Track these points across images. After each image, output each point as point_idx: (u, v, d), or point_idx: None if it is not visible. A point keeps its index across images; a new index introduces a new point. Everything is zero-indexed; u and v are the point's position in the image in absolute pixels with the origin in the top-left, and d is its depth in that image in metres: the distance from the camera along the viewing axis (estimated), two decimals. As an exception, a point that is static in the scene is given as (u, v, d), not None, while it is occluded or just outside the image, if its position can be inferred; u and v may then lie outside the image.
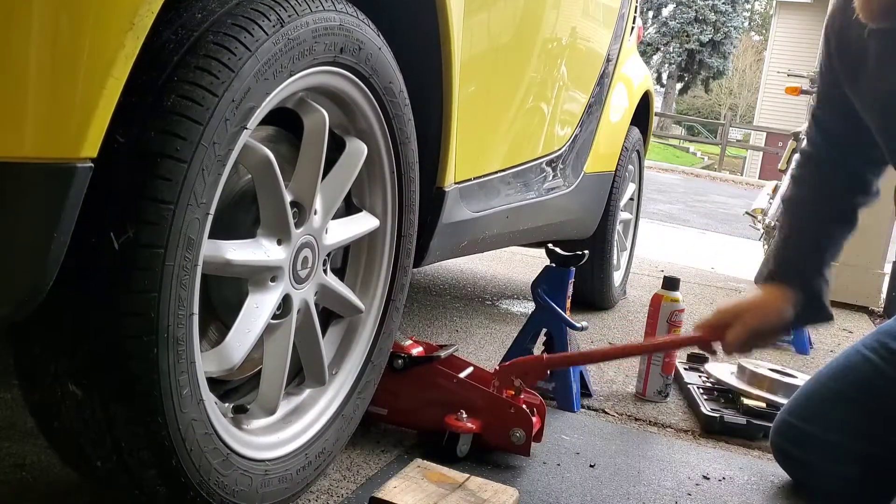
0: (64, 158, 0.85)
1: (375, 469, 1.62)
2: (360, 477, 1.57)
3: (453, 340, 2.66)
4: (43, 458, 1.43)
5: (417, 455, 1.66)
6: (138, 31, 0.90)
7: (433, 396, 1.77)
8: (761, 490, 1.81)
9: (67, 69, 0.84)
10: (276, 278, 1.28)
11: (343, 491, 1.51)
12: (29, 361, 1.04)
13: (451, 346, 1.87)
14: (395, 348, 1.76)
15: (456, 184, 1.81)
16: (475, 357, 2.46)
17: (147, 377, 1.01)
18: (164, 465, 1.07)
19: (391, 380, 1.75)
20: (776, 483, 1.88)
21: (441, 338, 2.66)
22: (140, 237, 0.97)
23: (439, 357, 1.80)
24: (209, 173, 1.03)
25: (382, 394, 1.72)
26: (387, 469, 1.62)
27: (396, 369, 1.76)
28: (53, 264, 0.88)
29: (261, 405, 1.32)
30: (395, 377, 1.76)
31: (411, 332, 2.67)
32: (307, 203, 1.32)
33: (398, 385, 1.77)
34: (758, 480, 1.87)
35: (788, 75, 6.02)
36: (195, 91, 1.01)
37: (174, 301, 1.01)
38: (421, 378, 1.78)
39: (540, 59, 2.29)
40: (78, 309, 0.98)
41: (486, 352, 2.58)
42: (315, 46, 1.20)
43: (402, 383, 1.77)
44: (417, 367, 1.78)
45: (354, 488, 1.52)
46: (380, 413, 1.79)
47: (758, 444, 2.09)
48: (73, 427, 1.06)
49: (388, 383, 1.73)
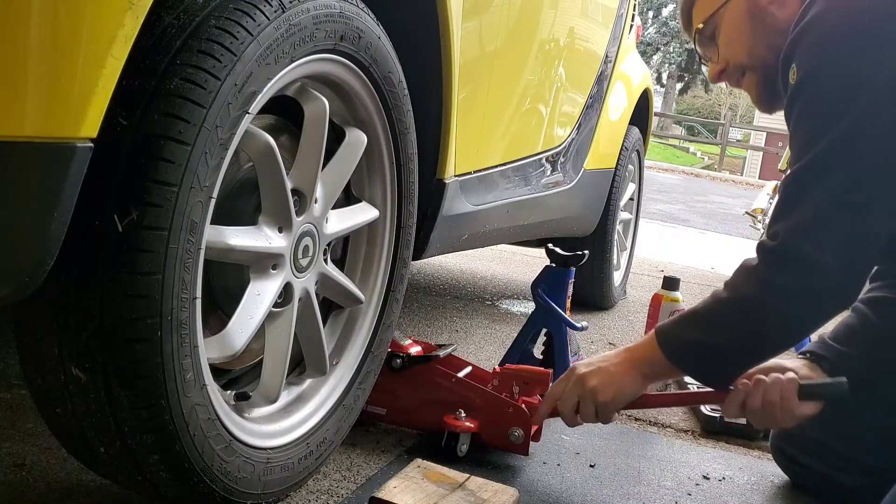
0: (63, 138, 0.85)
1: (375, 469, 1.61)
2: (360, 477, 1.57)
3: (453, 340, 2.66)
4: (43, 458, 1.42)
5: (417, 455, 1.65)
6: (137, 10, 0.90)
7: (432, 396, 1.76)
8: (761, 490, 1.80)
9: (66, 48, 0.84)
10: (277, 266, 1.28)
11: (343, 491, 1.50)
12: (32, 344, 1.04)
13: (450, 346, 1.87)
14: (394, 348, 1.76)
15: (456, 176, 1.81)
16: (475, 357, 2.46)
17: (150, 360, 1.01)
18: (167, 450, 1.08)
19: (390, 379, 1.74)
20: (776, 483, 1.87)
21: (441, 338, 2.66)
22: (143, 219, 0.97)
23: (438, 356, 1.79)
24: (212, 157, 1.03)
25: (381, 393, 1.72)
26: (387, 469, 1.61)
27: (395, 369, 1.75)
28: (54, 244, 0.88)
29: (262, 394, 1.33)
30: (394, 377, 1.75)
31: (411, 332, 2.67)
32: (308, 191, 1.32)
33: (397, 384, 1.77)
34: (758, 480, 1.86)
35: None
36: (198, 74, 1.01)
37: (178, 284, 1.02)
38: (419, 377, 1.77)
39: (539, 56, 2.30)
40: (82, 291, 0.99)
41: (486, 352, 2.57)
42: (316, 33, 1.21)
43: (401, 383, 1.77)
44: (416, 367, 1.77)
45: (354, 488, 1.52)
46: (378, 413, 1.78)
47: (758, 444, 2.08)
48: (75, 411, 1.06)
49: (387, 383, 1.73)
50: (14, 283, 0.87)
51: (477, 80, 1.88)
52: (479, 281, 3.82)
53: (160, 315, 1.01)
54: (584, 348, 2.70)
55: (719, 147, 22.79)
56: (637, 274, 4.46)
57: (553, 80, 2.44)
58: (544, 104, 2.42)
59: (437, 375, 1.77)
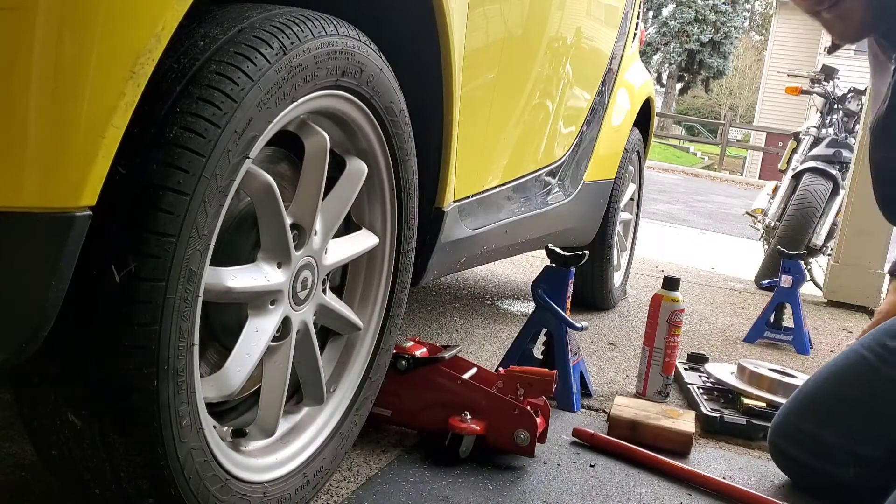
0: (63, 208, 0.85)
1: (375, 469, 1.63)
2: (360, 477, 1.59)
3: (454, 340, 2.67)
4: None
5: (418, 455, 1.66)
6: (139, 78, 0.89)
7: (437, 398, 1.77)
8: (761, 490, 1.81)
9: (67, 119, 0.84)
10: (275, 301, 1.27)
11: (343, 491, 1.52)
12: (28, 389, 1.04)
13: (455, 347, 1.87)
14: (399, 350, 1.76)
15: (455, 202, 1.81)
16: (475, 357, 2.47)
17: (147, 409, 1.01)
18: (162, 493, 1.07)
19: (395, 381, 1.75)
20: (776, 483, 1.89)
21: (441, 338, 2.67)
22: (141, 271, 0.97)
23: (443, 358, 1.80)
24: (211, 205, 1.03)
25: (387, 395, 1.73)
26: (387, 469, 1.63)
27: (401, 370, 1.76)
28: (51, 311, 0.88)
29: (259, 427, 1.32)
30: (400, 378, 1.76)
31: (412, 333, 2.67)
32: (307, 225, 1.31)
33: (402, 386, 1.77)
34: (758, 480, 1.88)
35: (788, 75, 6.02)
36: (198, 123, 1.00)
37: (175, 333, 1.01)
38: (425, 379, 1.78)
39: (541, 75, 2.29)
40: (78, 340, 0.98)
41: (486, 352, 2.58)
42: (317, 72, 1.20)
43: (407, 385, 1.77)
44: (421, 369, 1.77)
45: (354, 488, 1.54)
46: (384, 414, 1.79)
47: (758, 444, 2.10)
48: (71, 455, 1.06)
49: (393, 385, 1.74)
50: (11, 349, 0.87)
51: (478, 106, 1.87)
52: (479, 281, 3.83)
53: (157, 365, 1.00)
54: (584, 348, 2.71)
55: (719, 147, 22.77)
56: (637, 274, 4.47)
57: (554, 98, 2.43)
58: (545, 122, 2.41)
59: (443, 377, 1.78)
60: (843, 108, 5.23)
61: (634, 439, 1.95)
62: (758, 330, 3.36)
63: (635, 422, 1.99)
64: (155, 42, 0.92)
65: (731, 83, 36.53)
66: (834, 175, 4.87)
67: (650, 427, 1.98)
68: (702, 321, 3.63)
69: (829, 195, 4.82)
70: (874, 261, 4.52)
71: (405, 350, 1.78)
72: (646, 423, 1.99)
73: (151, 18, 0.92)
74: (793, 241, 4.59)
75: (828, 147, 5.00)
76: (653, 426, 1.98)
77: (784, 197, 5.07)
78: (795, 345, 3.32)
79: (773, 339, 3.36)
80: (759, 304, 4.05)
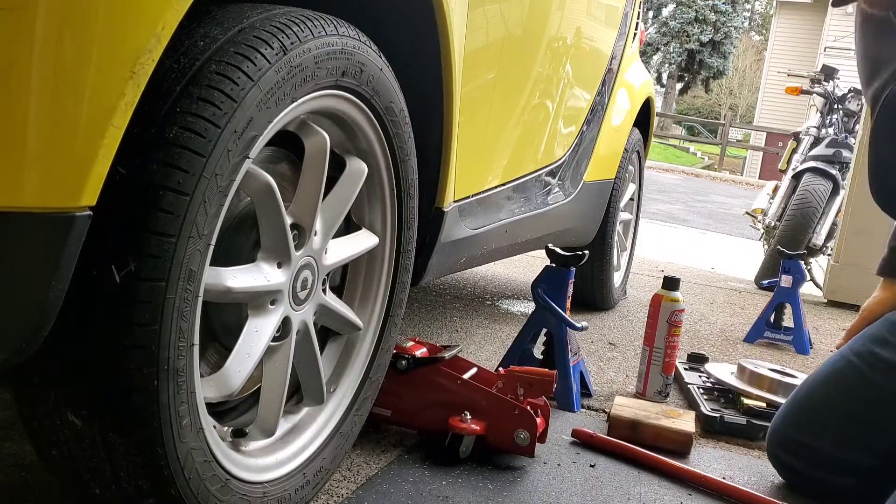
0: (63, 208, 0.85)
1: (375, 469, 1.63)
2: (360, 477, 1.59)
3: (453, 340, 2.67)
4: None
5: (418, 455, 1.66)
6: (139, 78, 0.89)
7: (437, 398, 1.77)
8: (761, 490, 1.81)
9: (67, 119, 0.84)
10: (275, 301, 1.27)
11: (343, 491, 1.52)
12: (28, 389, 1.04)
13: (455, 347, 1.87)
14: (399, 350, 1.76)
15: (455, 202, 1.81)
16: (475, 357, 2.47)
17: (147, 409, 1.01)
18: (162, 493, 1.07)
19: (395, 381, 1.75)
20: (776, 483, 1.89)
21: (441, 338, 2.67)
22: (141, 271, 0.97)
23: (443, 358, 1.80)
24: (211, 205, 1.03)
25: (387, 395, 1.73)
26: (387, 469, 1.63)
27: (401, 370, 1.76)
28: (51, 311, 0.88)
29: (260, 427, 1.32)
30: (400, 378, 1.76)
31: (412, 333, 2.67)
32: (307, 225, 1.32)
33: (402, 386, 1.77)
34: (758, 480, 1.89)
35: (788, 75, 6.03)
36: (198, 123, 1.00)
37: (175, 333, 1.01)
38: (425, 379, 1.78)
39: (541, 75, 2.29)
40: (78, 340, 0.98)
41: (486, 352, 2.58)
42: (317, 72, 1.20)
43: (407, 385, 1.77)
44: (421, 369, 1.77)
45: (354, 488, 1.54)
46: (384, 414, 1.79)
47: (758, 444, 2.10)
48: (71, 455, 1.06)
49: (393, 385, 1.74)
50: (11, 349, 0.87)
51: (478, 106, 1.87)
52: (479, 281, 3.83)
53: (157, 364, 1.00)
54: (584, 348, 2.71)
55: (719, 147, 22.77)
56: (637, 274, 4.47)
57: (554, 98, 2.43)
58: (545, 122, 2.41)
59: (443, 377, 1.78)
60: (843, 108, 5.23)
61: (634, 439, 1.95)
62: (758, 330, 3.36)
63: (635, 422, 1.99)
64: (155, 42, 0.92)
65: (731, 83, 36.53)
66: (834, 175, 4.87)
67: (650, 427, 1.98)
68: (702, 321, 3.63)
69: (829, 195, 4.82)
70: (874, 261, 4.47)
71: (405, 350, 1.78)
72: (646, 423, 1.99)
73: (151, 18, 0.92)
74: (793, 241, 4.59)
75: (828, 147, 5.01)
76: (653, 426, 1.98)
77: (784, 197, 5.08)
78: (795, 345, 3.32)
79: (773, 339, 3.37)
80: (759, 304, 4.05)
